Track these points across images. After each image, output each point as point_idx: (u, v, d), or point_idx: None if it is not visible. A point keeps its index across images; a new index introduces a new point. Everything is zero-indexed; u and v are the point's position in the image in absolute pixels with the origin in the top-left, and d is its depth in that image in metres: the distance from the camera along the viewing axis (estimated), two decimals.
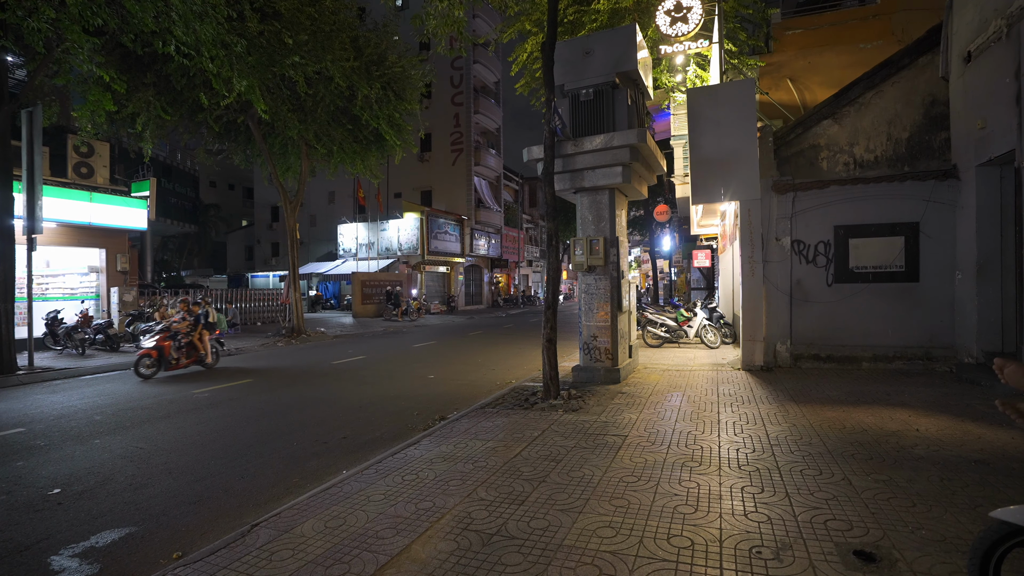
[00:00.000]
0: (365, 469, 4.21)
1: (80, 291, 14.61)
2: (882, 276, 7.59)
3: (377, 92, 14.93)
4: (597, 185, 7.16)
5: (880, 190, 7.56)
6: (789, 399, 5.89)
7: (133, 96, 12.58)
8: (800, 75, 13.16)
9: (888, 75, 8.51)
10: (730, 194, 7.82)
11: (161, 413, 6.64)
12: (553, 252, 6.65)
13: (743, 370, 7.84)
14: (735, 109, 7.84)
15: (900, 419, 4.91)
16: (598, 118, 7.19)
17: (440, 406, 6.82)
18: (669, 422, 5.12)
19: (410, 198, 31.76)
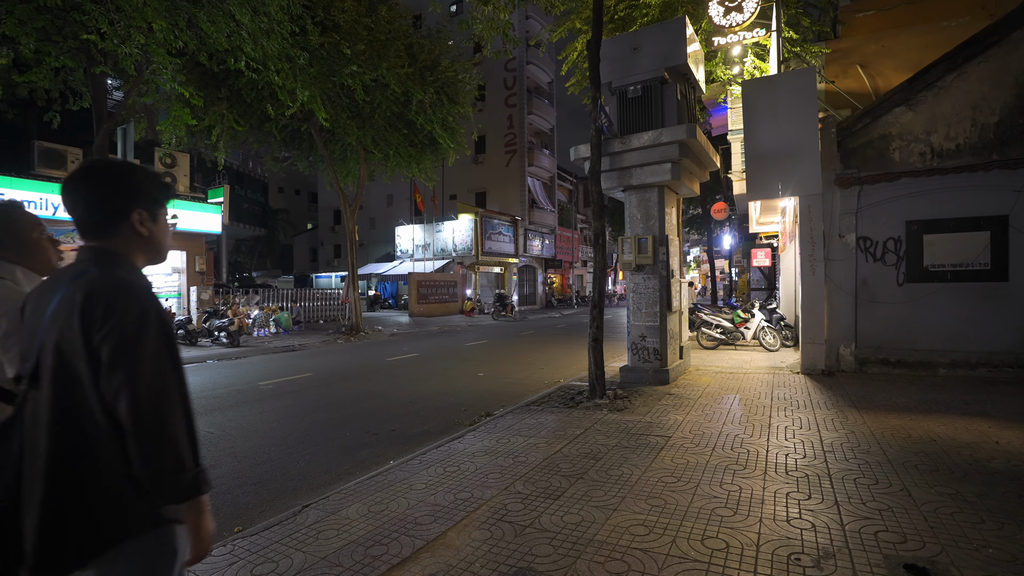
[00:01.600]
0: (410, 460, 4.37)
1: (165, 290, 15.99)
2: (963, 275, 6.97)
3: (431, 97, 15.38)
4: (645, 183, 7.04)
5: (961, 181, 6.95)
6: (850, 405, 5.55)
7: (209, 110, 13.63)
8: (871, 60, 12.28)
9: (973, 54, 7.80)
10: (789, 189, 7.47)
11: (230, 402, 7.18)
12: (600, 251, 6.61)
13: (802, 374, 7.44)
14: (794, 100, 7.48)
15: (977, 430, 4.51)
16: (646, 115, 7.07)
17: (487, 403, 6.94)
18: (716, 425, 4.97)
19: (465, 200, 32.37)
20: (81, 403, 1.20)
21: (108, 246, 1.32)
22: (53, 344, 1.21)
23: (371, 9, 14.00)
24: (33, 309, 1.32)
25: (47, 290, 1.31)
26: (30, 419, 1.23)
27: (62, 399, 1.20)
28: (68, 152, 13.06)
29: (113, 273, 1.25)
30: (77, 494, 1.19)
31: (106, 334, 1.17)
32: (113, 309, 1.18)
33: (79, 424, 1.20)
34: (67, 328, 1.19)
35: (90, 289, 1.20)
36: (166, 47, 9.35)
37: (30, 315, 1.33)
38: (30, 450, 1.22)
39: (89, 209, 1.31)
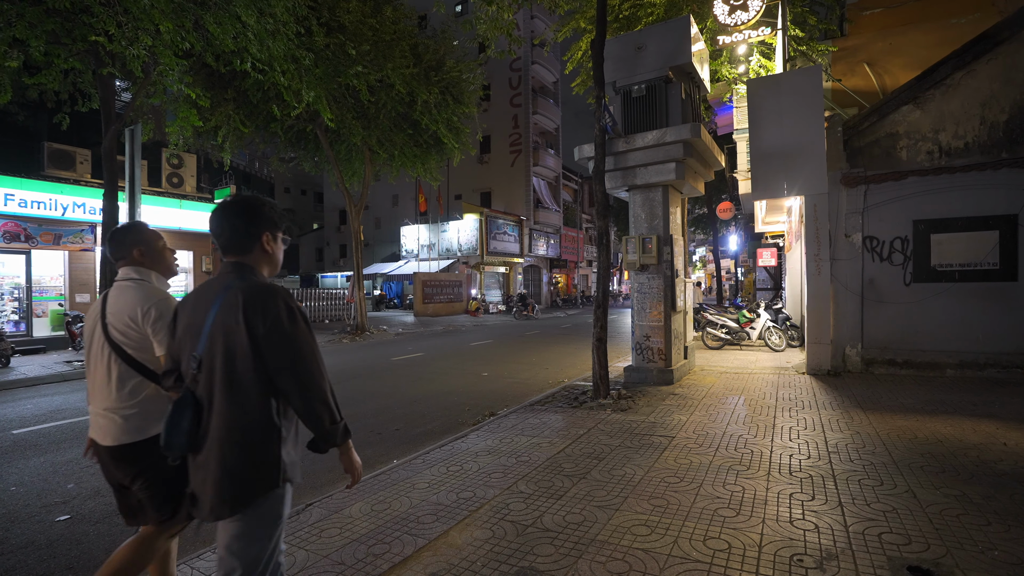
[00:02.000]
0: (413, 459, 4.39)
1: (173, 290, 16.03)
2: (971, 275, 6.90)
3: (436, 97, 15.41)
4: (649, 182, 7.02)
5: (969, 180, 6.89)
6: (855, 405, 5.51)
7: (216, 111, 13.73)
8: (879, 58, 12.18)
9: (982, 51, 7.73)
10: (795, 189, 7.43)
11: None
12: (604, 251, 6.60)
13: (808, 374, 7.40)
14: (800, 99, 7.44)
15: (985, 431, 4.47)
16: (651, 114, 7.05)
17: (491, 402, 6.95)
18: (720, 425, 4.95)
19: (470, 200, 32.40)
20: (246, 384, 1.55)
21: (244, 261, 1.68)
22: (221, 338, 1.55)
23: (376, 10, 14.06)
24: (190, 313, 1.65)
25: (201, 298, 1.64)
26: (202, 395, 1.58)
27: (232, 381, 1.55)
28: (77, 153, 13.19)
29: (254, 281, 1.62)
30: (243, 454, 1.54)
31: (268, 325, 1.53)
32: (268, 307, 1.54)
33: (245, 400, 1.55)
34: (232, 324, 1.53)
35: (246, 294, 1.55)
36: (173, 49, 9.42)
37: (187, 319, 1.66)
38: (209, 421, 1.56)
39: (232, 233, 1.66)
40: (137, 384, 1.95)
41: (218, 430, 1.55)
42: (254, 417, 1.57)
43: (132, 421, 1.93)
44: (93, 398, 2.00)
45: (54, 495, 3.92)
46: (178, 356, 1.72)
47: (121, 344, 1.95)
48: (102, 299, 2.04)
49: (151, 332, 1.93)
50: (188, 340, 1.64)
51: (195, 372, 1.59)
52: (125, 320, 1.95)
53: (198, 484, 1.59)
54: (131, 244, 2.09)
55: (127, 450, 1.92)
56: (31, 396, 7.72)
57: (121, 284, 2.04)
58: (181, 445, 1.57)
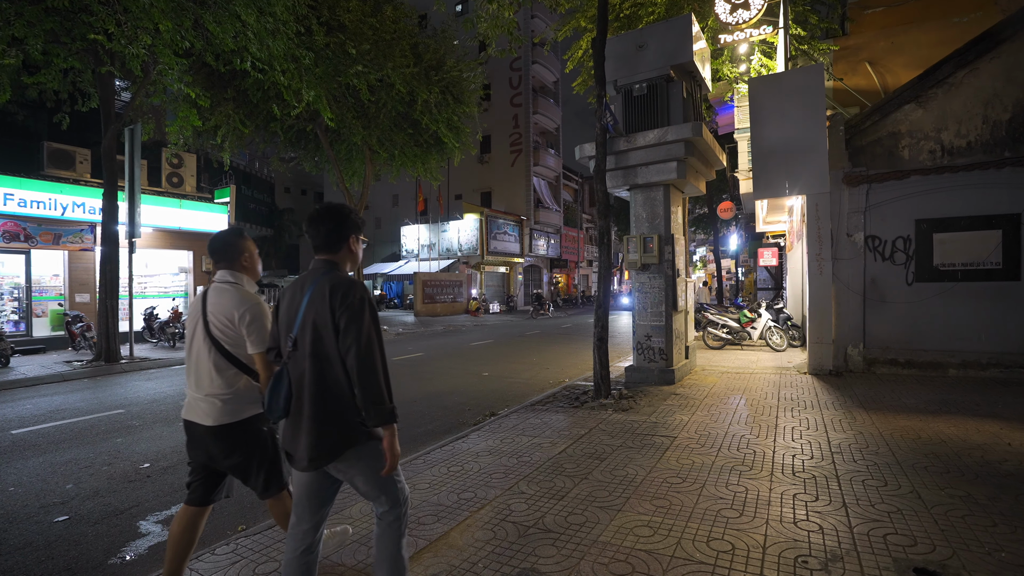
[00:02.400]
0: (414, 459, 4.36)
1: (172, 289, 16.10)
2: (974, 274, 6.88)
3: (436, 96, 15.39)
4: (651, 181, 6.99)
5: (972, 179, 6.86)
6: (858, 405, 5.49)
7: (215, 111, 13.70)
8: (881, 57, 12.15)
9: (985, 50, 7.70)
10: (797, 188, 7.40)
11: None
12: (605, 250, 6.58)
13: (809, 374, 7.38)
14: (802, 97, 7.42)
15: (988, 431, 4.44)
16: (652, 113, 7.02)
17: (492, 402, 6.93)
18: (722, 425, 4.92)
19: (470, 199, 32.39)
20: (331, 359, 1.86)
21: (333, 259, 2.00)
22: (311, 321, 1.86)
23: (376, 9, 14.02)
24: (288, 301, 1.98)
25: (298, 288, 1.96)
26: (295, 371, 1.91)
27: (318, 356, 1.86)
28: (77, 153, 13.16)
29: (340, 275, 1.93)
30: (329, 416, 1.87)
31: (343, 311, 1.82)
32: (346, 296, 1.83)
33: (330, 372, 1.86)
34: (321, 309, 1.85)
35: (332, 284, 1.86)
36: (172, 48, 9.40)
37: (286, 306, 1.98)
38: (297, 390, 1.90)
39: (327, 235, 1.98)
40: (233, 375, 2.25)
41: (310, 398, 1.88)
42: (338, 387, 1.88)
43: (230, 404, 2.23)
44: (195, 384, 2.27)
45: (52, 496, 3.90)
46: (278, 338, 2.04)
47: (220, 340, 2.23)
48: (201, 297, 2.31)
49: (245, 333, 2.20)
50: (286, 323, 1.97)
51: (291, 350, 1.92)
52: (223, 320, 2.22)
53: (292, 443, 1.93)
54: (240, 251, 2.36)
55: (226, 429, 2.23)
56: (30, 396, 7.70)
57: (219, 286, 2.29)
58: (280, 411, 1.92)
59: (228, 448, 2.24)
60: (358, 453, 1.91)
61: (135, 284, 14.03)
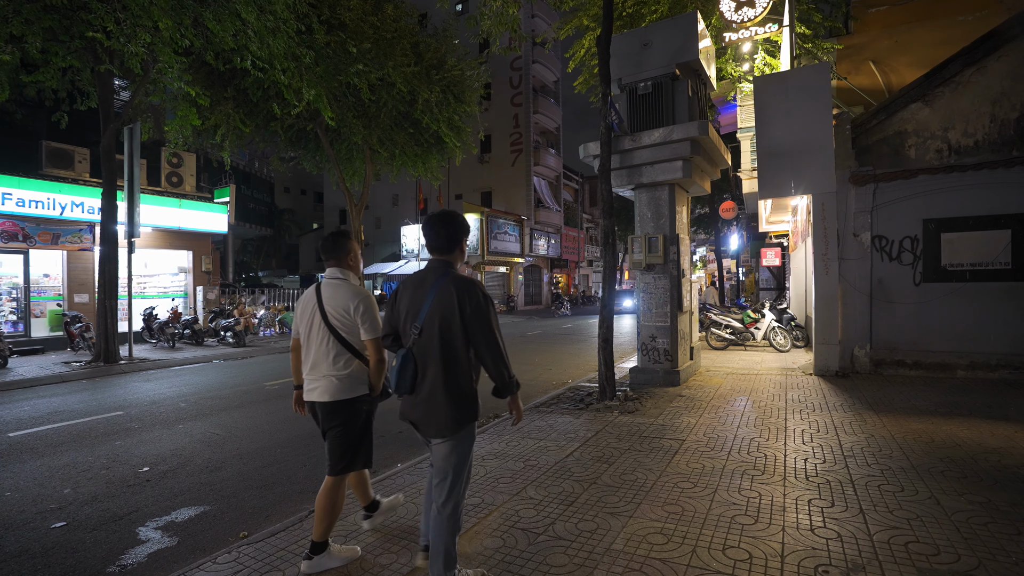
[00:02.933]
0: (418, 463, 4.29)
1: (171, 289, 16.01)
2: (983, 274, 6.80)
3: (437, 96, 15.30)
4: (656, 181, 6.92)
5: (981, 178, 6.79)
6: (867, 407, 5.41)
7: (215, 110, 13.61)
8: (885, 56, 12.08)
9: (992, 48, 7.63)
10: (803, 187, 7.33)
11: (236, 403, 7.12)
12: (610, 250, 6.50)
13: (815, 375, 7.30)
14: (808, 96, 7.35)
15: (1003, 435, 4.37)
16: (657, 112, 6.95)
17: (495, 404, 6.84)
18: (730, 427, 4.85)
19: (470, 199, 32.30)
20: (458, 347, 2.18)
21: (448, 259, 2.30)
22: (438, 313, 2.17)
23: (377, 8, 13.93)
24: (411, 295, 2.27)
25: (419, 284, 2.27)
26: (419, 354, 2.21)
27: (445, 342, 2.17)
28: (76, 152, 13.08)
29: (459, 274, 2.25)
30: (451, 395, 2.18)
31: (471, 306, 2.14)
32: (471, 293, 2.16)
33: (453, 356, 2.18)
34: (447, 303, 2.16)
35: (457, 284, 2.17)
36: (172, 46, 9.31)
37: (408, 299, 2.28)
38: (422, 370, 2.20)
39: (445, 238, 2.29)
40: (348, 358, 2.57)
41: (436, 377, 2.18)
42: (461, 369, 2.20)
43: (344, 383, 2.56)
44: (314, 366, 2.59)
45: (50, 501, 3.82)
46: (396, 325, 2.35)
47: (336, 328, 2.55)
48: (315, 290, 2.63)
49: (359, 321, 2.54)
50: (410, 314, 2.26)
51: (416, 336, 2.21)
52: (339, 311, 2.54)
53: (416, 415, 2.24)
54: (347, 251, 2.68)
55: (339, 405, 2.56)
56: (28, 397, 7.61)
57: (331, 282, 2.63)
58: (406, 387, 2.21)
59: (334, 421, 2.58)
60: (458, 436, 2.22)
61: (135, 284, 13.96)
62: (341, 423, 2.59)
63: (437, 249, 2.30)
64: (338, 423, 2.58)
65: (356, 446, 2.64)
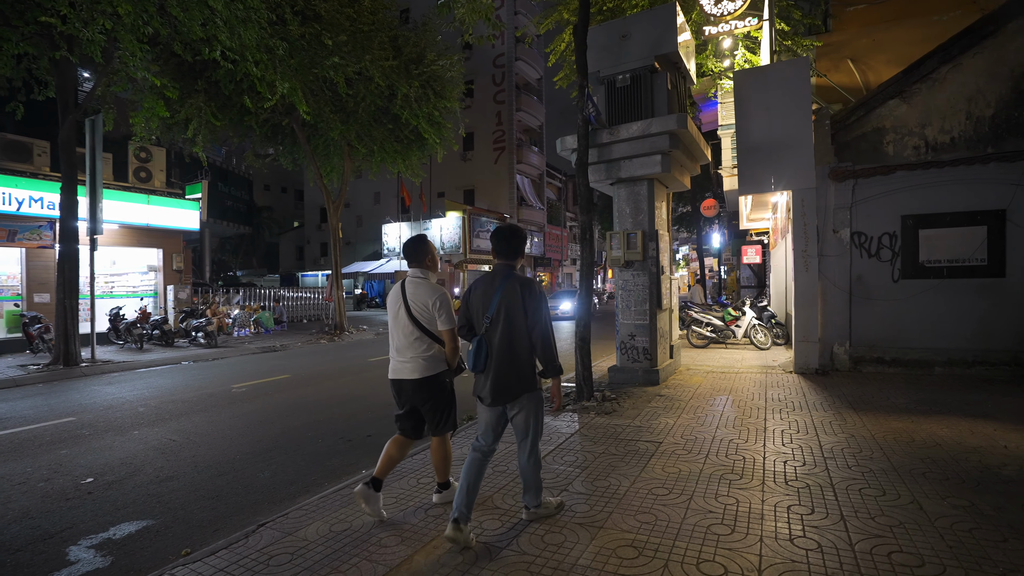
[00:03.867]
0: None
1: (141, 288, 15.47)
2: (959, 271, 6.79)
3: (416, 91, 15.00)
4: (634, 175, 6.76)
5: (957, 174, 6.77)
6: (847, 406, 5.32)
7: (185, 103, 13.14)
8: (863, 55, 12.13)
9: (968, 46, 7.63)
10: (783, 183, 7.25)
11: (199, 407, 6.80)
12: (587, 247, 6.33)
13: (795, 373, 7.23)
14: (787, 91, 7.26)
15: (983, 433, 4.29)
16: (636, 105, 6.79)
17: (470, 404, 6.64)
18: (709, 428, 4.70)
19: (453, 197, 31.98)
20: (520, 331, 2.70)
21: (512, 263, 2.82)
22: (505, 306, 2.69)
23: None
24: (482, 292, 2.79)
25: (488, 283, 2.79)
26: (490, 340, 2.73)
27: (511, 328, 2.69)
28: (35, 145, 12.51)
29: (521, 275, 2.78)
30: (517, 370, 2.72)
31: (531, 299, 2.68)
32: (531, 289, 2.71)
33: (519, 340, 2.70)
34: (513, 298, 2.69)
35: (522, 282, 2.72)
36: (135, 33, 8.88)
37: (480, 296, 2.80)
38: (492, 352, 2.73)
39: (514, 248, 2.83)
40: (428, 343, 2.98)
41: (504, 357, 2.71)
42: (524, 350, 2.73)
43: (427, 363, 2.98)
44: (400, 350, 3.03)
45: None
46: (470, 317, 2.87)
47: (418, 318, 2.97)
48: (400, 286, 3.05)
49: (436, 314, 2.94)
50: (481, 307, 2.78)
51: (487, 325, 2.73)
52: (420, 305, 2.96)
53: (486, 388, 2.76)
54: (425, 253, 3.09)
55: (425, 382, 2.98)
56: None
57: (414, 280, 3.04)
58: (480, 367, 2.75)
59: (425, 395, 3.01)
60: (527, 398, 2.77)
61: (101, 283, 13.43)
62: (431, 396, 3.03)
63: (503, 255, 2.86)
64: (428, 396, 3.03)
65: (446, 409, 3.11)
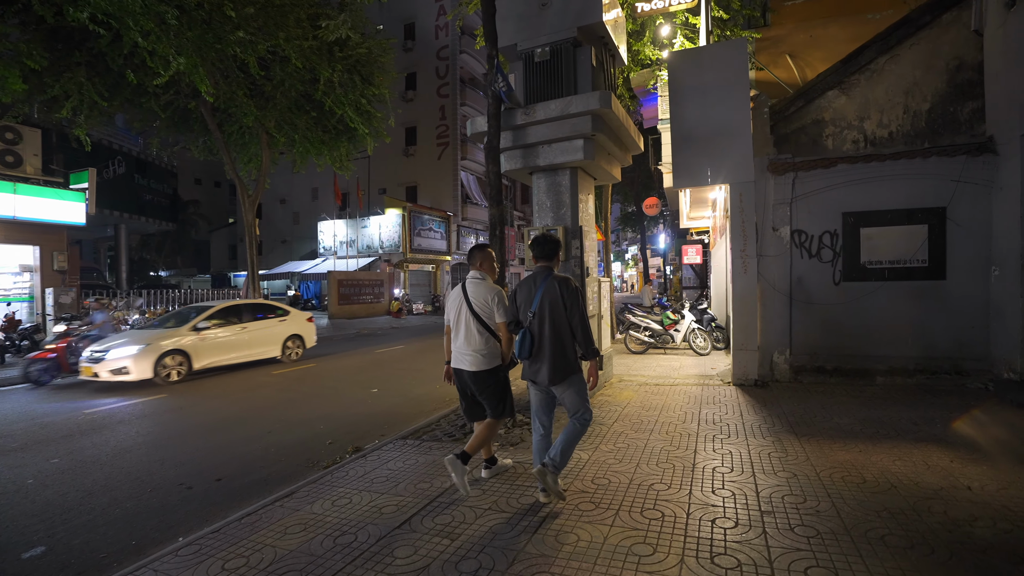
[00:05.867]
0: (198, 538, 2.99)
1: (15, 292, 13.37)
2: (900, 272, 6.31)
3: (340, 76, 13.70)
4: (554, 163, 5.87)
5: (899, 169, 6.29)
6: (788, 430, 4.62)
7: (61, 76, 11.31)
8: (801, 51, 11.88)
9: (906, 35, 7.25)
10: (721, 176, 6.58)
11: (33, 439, 5.40)
12: (498, 245, 5.38)
13: (734, 385, 6.57)
14: (724, 74, 6.60)
15: (940, 467, 3.63)
16: (556, 82, 5.91)
17: (365, 430, 5.61)
18: (628, 466, 3.85)
19: (395, 194, 30.49)
20: (563, 322, 3.20)
21: (550, 264, 3.39)
22: (548, 300, 3.22)
23: None
24: (526, 290, 3.34)
25: (531, 283, 3.34)
26: (536, 330, 3.24)
27: (553, 320, 3.20)
28: None
29: (558, 273, 3.34)
30: (563, 355, 3.20)
31: (569, 293, 3.20)
32: (569, 285, 3.23)
33: (563, 330, 3.21)
34: (554, 294, 3.21)
35: (559, 279, 3.25)
36: None
37: (524, 293, 3.35)
38: (538, 341, 3.23)
39: (551, 250, 3.39)
40: (487, 337, 3.46)
41: (549, 345, 3.20)
42: (568, 337, 3.22)
43: (486, 357, 3.46)
44: (463, 343, 3.49)
45: None
46: (516, 314, 3.40)
47: (479, 314, 3.46)
48: (462, 287, 3.56)
49: (495, 310, 3.44)
50: (525, 303, 3.32)
51: (531, 318, 3.24)
52: (481, 301, 3.46)
53: (535, 374, 3.26)
54: (484, 259, 3.65)
55: (484, 374, 3.47)
56: None
57: (474, 280, 3.55)
58: (526, 354, 3.23)
59: (482, 386, 3.50)
60: (572, 379, 3.23)
61: None
62: (489, 387, 3.48)
63: (543, 257, 3.36)
64: (487, 387, 3.47)
65: (503, 398, 3.53)
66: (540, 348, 3.19)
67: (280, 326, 10.92)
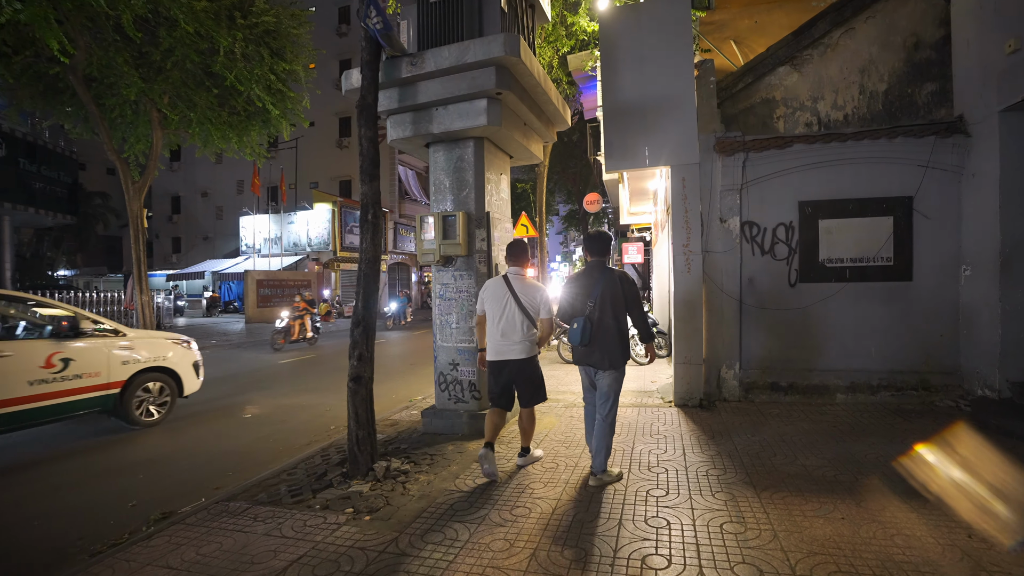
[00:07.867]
0: None
1: None
2: (864, 272, 5.42)
3: (242, 47, 11.86)
4: (452, 130, 4.56)
5: (862, 151, 5.41)
6: (744, 479, 3.50)
7: None
8: (745, 36, 11.19)
9: (861, 7, 6.46)
10: (663, 157, 5.54)
11: None
12: (369, 232, 4.01)
13: (676, 406, 5.49)
14: (664, 37, 5.56)
15: (957, 545, 2.59)
16: (455, 27, 4.60)
17: (205, 476, 4.14)
18: (521, 552, 2.59)
19: (328, 188, 28.29)
20: (621, 312, 3.50)
21: (604, 261, 3.64)
22: (609, 294, 3.48)
23: None
24: (584, 283, 3.56)
25: (588, 276, 3.58)
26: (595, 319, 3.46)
27: (613, 310, 3.47)
28: None
29: (614, 268, 3.63)
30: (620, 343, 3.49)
31: (628, 289, 3.53)
32: (626, 279, 3.57)
33: (621, 319, 3.49)
34: (613, 287, 3.49)
35: (619, 275, 3.56)
36: None
37: (582, 286, 3.57)
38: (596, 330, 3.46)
39: (605, 248, 3.65)
40: (529, 326, 3.68)
41: (607, 333, 3.45)
42: (623, 327, 3.49)
43: (530, 345, 3.71)
44: (506, 334, 3.67)
45: None
46: (574, 303, 3.60)
47: (525, 307, 3.67)
48: (503, 280, 3.76)
49: (539, 305, 3.71)
50: (585, 295, 3.52)
51: (591, 308, 3.46)
52: (529, 297, 3.69)
53: (593, 358, 3.49)
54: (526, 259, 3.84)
55: (526, 362, 3.71)
56: None
57: (516, 276, 3.77)
58: (585, 341, 3.42)
59: (528, 372, 3.73)
60: (617, 370, 3.49)
61: None
62: (530, 372, 3.75)
63: (598, 253, 3.64)
64: (528, 372, 3.74)
65: (540, 385, 3.82)
66: (596, 336, 3.44)
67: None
